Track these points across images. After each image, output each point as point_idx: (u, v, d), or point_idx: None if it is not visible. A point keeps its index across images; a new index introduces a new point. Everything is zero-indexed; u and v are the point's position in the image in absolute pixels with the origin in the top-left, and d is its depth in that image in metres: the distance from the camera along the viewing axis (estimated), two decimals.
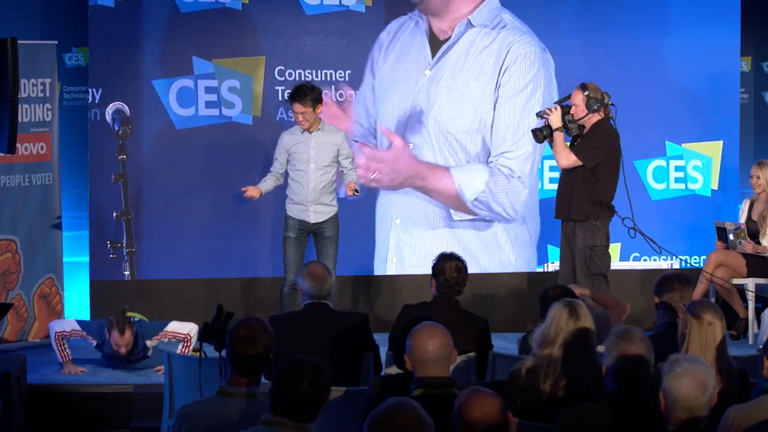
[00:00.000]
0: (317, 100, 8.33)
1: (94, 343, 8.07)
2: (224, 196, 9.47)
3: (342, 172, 8.56)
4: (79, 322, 8.15)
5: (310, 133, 8.41)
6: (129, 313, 8.21)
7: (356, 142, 9.55)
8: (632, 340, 4.48)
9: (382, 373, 6.01)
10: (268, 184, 8.55)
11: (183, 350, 7.95)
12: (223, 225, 9.51)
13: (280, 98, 9.52)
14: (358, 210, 9.55)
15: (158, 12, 9.41)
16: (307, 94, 8.29)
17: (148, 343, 8.07)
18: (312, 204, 8.42)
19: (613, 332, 4.56)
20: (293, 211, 8.49)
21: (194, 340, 8.02)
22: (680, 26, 9.93)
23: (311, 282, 6.18)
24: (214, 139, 9.51)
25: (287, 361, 3.94)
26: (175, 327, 8.09)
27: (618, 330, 4.56)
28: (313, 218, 8.44)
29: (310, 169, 8.40)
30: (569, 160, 8.22)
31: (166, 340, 8.06)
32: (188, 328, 8.07)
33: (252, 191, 8.46)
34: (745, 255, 9.13)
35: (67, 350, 8.04)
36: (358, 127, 9.71)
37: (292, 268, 8.34)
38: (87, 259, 9.39)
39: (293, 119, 8.49)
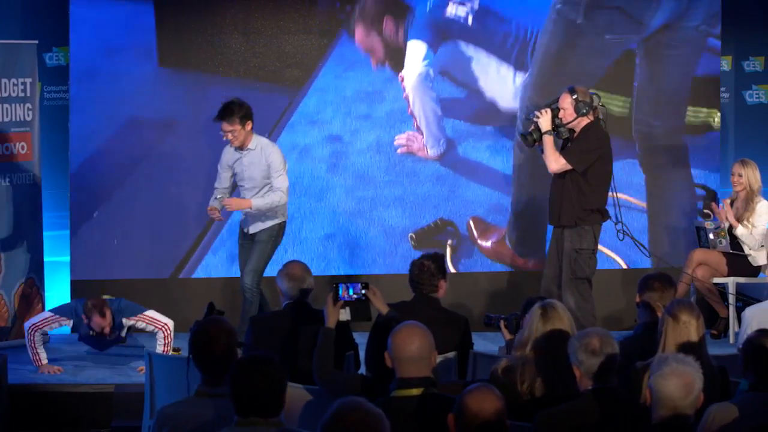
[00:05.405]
0: (246, 117, 8.16)
1: (70, 323, 8.07)
2: (207, 195, 9.45)
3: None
4: (51, 310, 8.12)
5: (243, 150, 8.29)
6: (107, 296, 8.18)
7: None
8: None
9: (360, 371, 6.02)
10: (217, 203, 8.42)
11: (165, 343, 7.94)
12: (204, 225, 9.50)
13: None
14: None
15: None
16: (234, 111, 8.14)
17: (125, 321, 8.06)
18: (249, 216, 8.36)
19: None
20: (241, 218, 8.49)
21: (172, 333, 8.00)
22: None
23: (289, 282, 6.18)
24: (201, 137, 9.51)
25: (236, 364, 3.99)
26: (154, 314, 8.07)
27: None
28: (251, 229, 8.40)
29: (246, 186, 8.33)
30: (559, 164, 8.07)
31: (143, 324, 8.04)
32: (166, 320, 8.06)
33: (215, 211, 8.37)
34: (725, 254, 9.14)
35: (40, 353, 7.96)
36: None
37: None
38: (68, 258, 9.37)
39: (223, 137, 8.27)
